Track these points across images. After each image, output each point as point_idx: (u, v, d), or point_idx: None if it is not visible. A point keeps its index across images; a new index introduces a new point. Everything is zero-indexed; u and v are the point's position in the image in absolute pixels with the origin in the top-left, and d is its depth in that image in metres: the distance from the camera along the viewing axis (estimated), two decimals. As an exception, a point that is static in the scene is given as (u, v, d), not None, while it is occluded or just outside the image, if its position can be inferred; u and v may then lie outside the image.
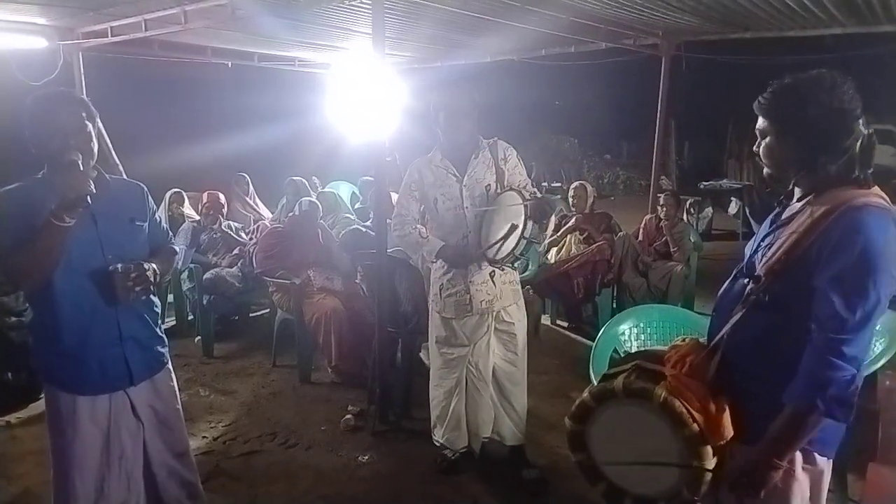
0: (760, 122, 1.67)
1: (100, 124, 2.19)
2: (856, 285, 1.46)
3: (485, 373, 3.19)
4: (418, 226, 3.17)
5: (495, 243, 2.96)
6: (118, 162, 6.03)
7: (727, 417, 1.61)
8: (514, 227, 2.88)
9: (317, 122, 9.00)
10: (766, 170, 1.71)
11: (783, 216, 1.70)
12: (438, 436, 3.32)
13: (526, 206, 2.86)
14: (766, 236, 1.72)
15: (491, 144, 3.14)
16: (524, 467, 3.28)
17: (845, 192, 1.54)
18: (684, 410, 1.57)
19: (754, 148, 1.72)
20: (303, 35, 6.03)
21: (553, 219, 5.88)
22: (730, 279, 1.83)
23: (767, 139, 1.66)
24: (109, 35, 5.22)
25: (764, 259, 1.63)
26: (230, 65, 7.37)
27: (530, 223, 2.86)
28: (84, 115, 2.10)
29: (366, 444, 3.65)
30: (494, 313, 3.16)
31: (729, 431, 1.60)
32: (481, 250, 3.02)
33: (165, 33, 5.13)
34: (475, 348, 3.17)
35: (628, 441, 1.72)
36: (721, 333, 1.68)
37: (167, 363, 2.43)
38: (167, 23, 4.80)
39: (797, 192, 1.69)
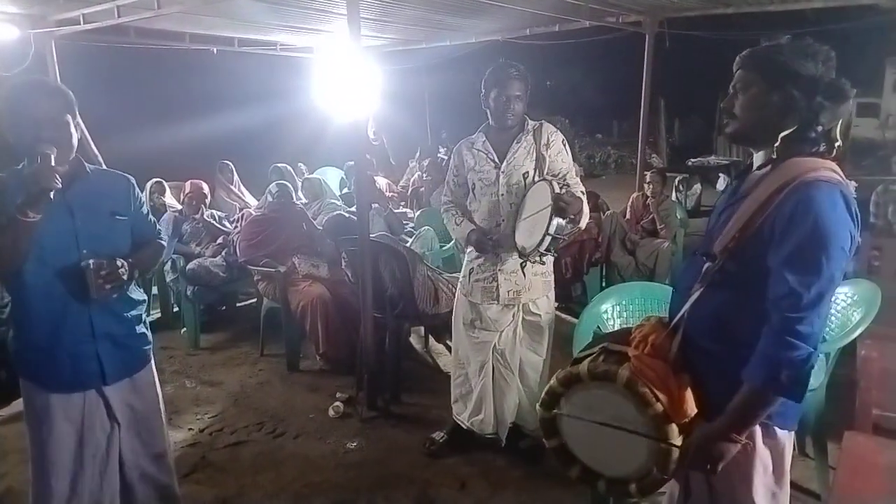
0: (745, 75, 1.61)
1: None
2: (809, 263, 1.45)
3: (512, 362, 3.15)
4: (457, 211, 3.13)
5: (524, 235, 2.88)
6: (97, 153, 5.97)
7: (690, 395, 1.61)
8: (539, 222, 2.76)
9: (303, 107, 8.92)
10: (733, 126, 1.65)
11: (740, 190, 1.68)
12: (464, 416, 3.29)
13: (552, 202, 2.69)
14: (722, 211, 1.70)
15: (535, 128, 3.02)
16: (520, 438, 3.30)
17: (800, 164, 1.52)
18: (647, 391, 1.58)
19: (722, 105, 1.66)
20: (282, 18, 5.95)
21: (585, 209, 5.82)
22: (691, 255, 1.82)
23: (752, 91, 1.59)
24: (82, 22, 5.11)
25: (720, 236, 1.61)
26: (215, 51, 7.27)
27: (555, 220, 2.69)
28: (61, 104, 2.03)
29: (354, 431, 3.64)
30: (521, 304, 3.10)
31: (692, 409, 1.61)
32: (513, 240, 2.94)
33: (140, 19, 5.04)
34: (502, 336, 3.13)
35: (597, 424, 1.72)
36: (681, 312, 1.67)
37: (149, 362, 2.36)
38: (140, 8, 4.70)
39: (757, 160, 1.67)
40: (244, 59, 8.11)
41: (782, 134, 1.56)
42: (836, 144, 1.58)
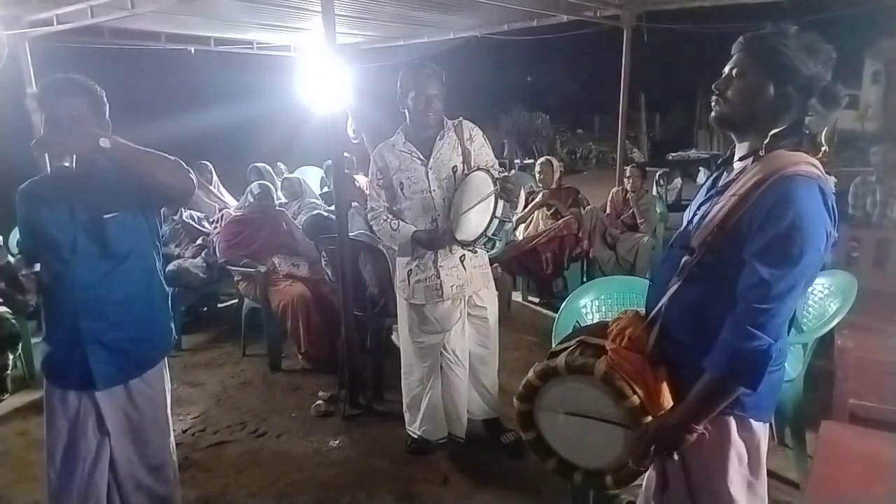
0: (745, 60, 1.55)
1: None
2: (781, 255, 1.44)
3: (462, 358, 3.17)
4: (389, 215, 3.09)
5: (467, 226, 2.92)
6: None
7: (666, 388, 1.62)
8: (483, 209, 2.83)
9: (281, 106, 8.86)
10: (722, 110, 1.60)
11: (719, 183, 1.67)
12: (414, 427, 3.30)
13: (496, 187, 2.80)
14: (701, 204, 1.69)
15: (456, 125, 3.08)
16: (501, 433, 3.33)
17: (781, 158, 1.51)
18: (624, 383, 1.58)
19: (714, 86, 1.60)
20: (258, 16, 5.90)
21: (521, 194, 5.87)
22: (667, 248, 1.81)
23: (748, 79, 1.54)
24: (55, 23, 5.04)
25: (698, 230, 1.61)
26: (192, 50, 7.20)
27: (501, 203, 2.79)
28: (82, 103, 2.02)
29: (337, 429, 3.64)
30: (466, 298, 3.13)
31: (669, 402, 1.61)
32: (451, 233, 2.98)
33: (114, 19, 4.98)
34: (451, 334, 3.14)
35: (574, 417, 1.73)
36: (658, 305, 1.67)
37: (150, 368, 2.27)
38: (114, 8, 4.65)
39: (738, 151, 1.66)
40: (221, 59, 8.04)
41: (773, 132, 1.54)
42: (823, 149, 1.57)
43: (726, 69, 1.60)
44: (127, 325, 2.19)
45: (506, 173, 3.04)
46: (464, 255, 3.06)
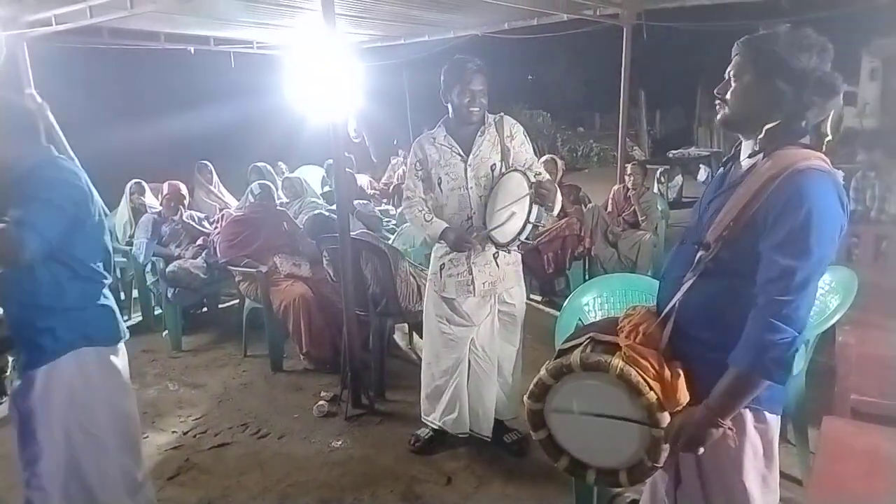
0: (740, 62, 1.61)
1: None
2: (799, 247, 1.47)
3: (491, 355, 3.16)
4: (425, 207, 3.10)
5: (500, 225, 2.91)
6: (73, 156, 5.87)
7: (682, 384, 1.61)
8: (516, 212, 2.83)
9: (282, 105, 8.87)
10: (723, 112, 1.66)
11: (728, 180, 1.69)
12: (433, 416, 3.27)
13: (530, 191, 2.79)
14: (712, 201, 1.71)
15: (497, 121, 3.06)
16: (505, 432, 3.31)
17: (792, 154, 1.53)
18: (641, 380, 1.57)
19: (716, 91, 1.66)
20: (257, 15, 5.90)
21: (558, 199, 5.87)
22: (678, 244, 1.82)
23: (743, 80, 1.60)
24: (54, 23, 5.05)
25: (712, 225, 1.62)
26: (192, 51, 7.21)
27: (535, 207, 2.79)
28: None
29: (339, 430, 3.63)
30: (497, 294, 3.12)
31: (685, 397, 1.61)
32: (486, 232, 2.97)
33: (113, 19, 4.98)
34: (480, 330, 3.13)
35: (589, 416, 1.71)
36: (673, 301, 1.67)
37: (42, 366, 2.18)
38: (113, 8, 4.65)
39: (745, 149, 1.68)
40: (221, 58, 8.05)
41: (767, 126, 1.58)
42: (826, 139, 1.59)
43: (726, 74, 1.66)
44: (34, 314, 2.19)
45: (541, 174, 3.03)
46: (497, 252, 3.05)
